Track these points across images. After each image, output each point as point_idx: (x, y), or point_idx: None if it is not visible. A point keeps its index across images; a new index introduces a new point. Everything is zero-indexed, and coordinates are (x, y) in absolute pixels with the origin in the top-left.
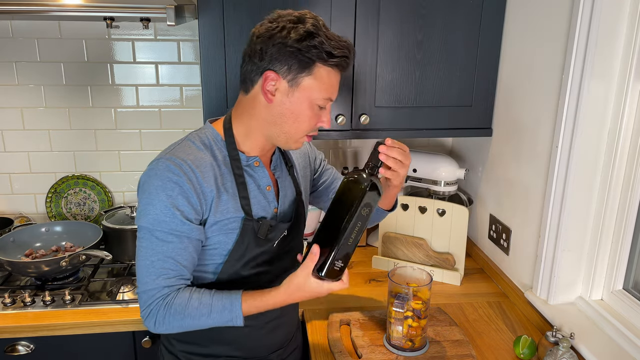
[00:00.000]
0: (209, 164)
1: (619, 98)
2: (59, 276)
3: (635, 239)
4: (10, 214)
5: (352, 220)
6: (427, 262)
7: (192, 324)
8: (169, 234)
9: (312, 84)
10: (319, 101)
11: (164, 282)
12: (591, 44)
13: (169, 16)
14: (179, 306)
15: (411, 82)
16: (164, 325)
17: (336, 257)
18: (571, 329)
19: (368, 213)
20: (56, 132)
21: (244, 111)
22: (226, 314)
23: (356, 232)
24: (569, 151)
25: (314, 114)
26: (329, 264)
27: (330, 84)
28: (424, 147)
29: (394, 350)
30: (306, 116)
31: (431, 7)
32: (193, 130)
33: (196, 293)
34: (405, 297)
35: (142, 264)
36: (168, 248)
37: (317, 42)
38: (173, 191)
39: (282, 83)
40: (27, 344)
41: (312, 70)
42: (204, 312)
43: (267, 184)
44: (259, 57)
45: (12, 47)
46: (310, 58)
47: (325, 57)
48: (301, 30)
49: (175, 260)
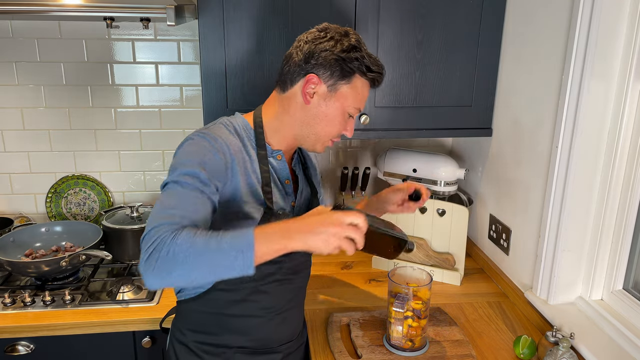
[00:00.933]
0: (238, 148)
1: (619, 98)
2: (59, 276)
3: (635, 239)
4: (10, 214)
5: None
6: (427, 262)
7: (196, 258)
8: (192, 189)
9: (349, 93)
10: (351, 109)
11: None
12: (591, 44)
13: (169, 16)
14: (186, 235)
15: (411, 82)
16: (165, 264)
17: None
18: (571, 329)
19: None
20: (56, 132)
21: (278, 108)
22: (239, 242)
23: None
24: (569, 151)
25: (344, 120)
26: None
27: (363, 95)
28: (424, 147)
29: (394, 350)
30: (337, 121)
31: (431, 7)
32: (193, 130)
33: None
34: (405, 297)
35: (156, 210)
36: (188, 201)
37: (359, 56)
38: (205, 156)
39: (322, 87)
40: (27, 344)
41: (351, 80)
42: (213, 242)
43: (287, 177)
44: (304, 60)
45: (12, 47)
46: (352, 69)
47: (364, 70)
48: (346, 43)
49: (189, 215)
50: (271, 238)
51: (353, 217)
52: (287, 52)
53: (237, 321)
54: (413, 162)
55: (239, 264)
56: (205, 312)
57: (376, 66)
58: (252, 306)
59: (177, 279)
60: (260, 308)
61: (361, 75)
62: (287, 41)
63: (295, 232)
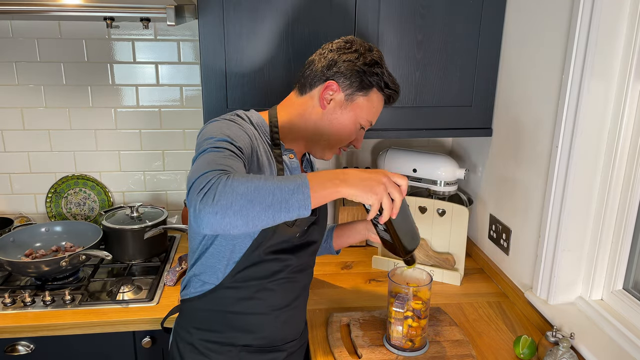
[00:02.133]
0: (256, 140)
1: (619, 98)
2: (59, 276)
3: (635, 239)
4: (10, 214)
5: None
6: (427, 262)
7: (256, 191)
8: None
9: (364, 104)
10: (363, 121)
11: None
12: (591, 44)
13: (169, 16)
14: (242, 174)
15: (411, 82)
16: (224, 197)
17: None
18: (571, 329)
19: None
20: (56, 132)
21: (294, 110)
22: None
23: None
24: (569, 151)
25: (355, 130)
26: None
27: (377, 109)
28: (424, 147)
29: (394, 350)
30: (349, 130)
31: (431, 7)
32: (194, 130)
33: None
34: (405, 297)
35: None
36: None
37: (380, 72)
38: (231, 129)
39: (340, 95)
40: (27, 344)
41: (369, 93)
42: (270, 180)
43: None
44: (326, 67)
45: (12, 47)
46: (371, 82)
47: (382, 85)
48: (369, 57)
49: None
50: (324, 182)
51: (398, 178)
52: (310, 57)
53: (243, 319)
54: (413, 162)
55: (297, 199)
56: (210, 310)
57: (394, 84)
58: (258, 304)
59: (236, 215)
60: (266, 306)
61: (379, 90)
62: (287, 41)
63: (347, 178)
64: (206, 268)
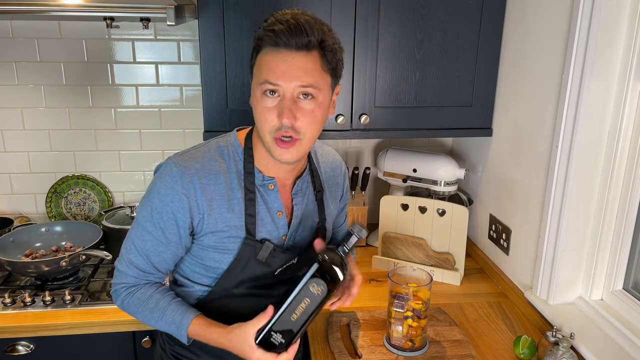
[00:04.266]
0: (217, 176)
1: (619, 98)
2: (59, 276)
3: (635, 239)
4: (10, 214)
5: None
6: (427, 262)
7: (145, 320)
8: (151, 234)
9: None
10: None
11: (133, 272)
12: (591, 44)
13: (169, 16)
14: (138, 300)
15: (411, 82)
16: (123, 308)
17: (273, 328)
18: (571, 329)
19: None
20: (56, 132)
21: None
22: (174, 328)
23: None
24: (569, 151)
25: (263, 106)
26: (265, 332)
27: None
28: (424, 147)
29: (394, 350)
30: (260, 105)
31: (431, 7)
32: (194, 130)
33: (158, 294)
34: (405, 297)
35: (125, 245)
36: (147, 246)
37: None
38: (167, 197)
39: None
40: (27, 344)
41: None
42: (156, 316)
43: (278, 209)
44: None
45: (12, 47)
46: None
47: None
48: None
49: (149, 260)
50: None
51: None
52: None
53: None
54: (413, 162)
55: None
56: None
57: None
58: None
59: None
60: None
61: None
62: None
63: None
64: (180, 290)
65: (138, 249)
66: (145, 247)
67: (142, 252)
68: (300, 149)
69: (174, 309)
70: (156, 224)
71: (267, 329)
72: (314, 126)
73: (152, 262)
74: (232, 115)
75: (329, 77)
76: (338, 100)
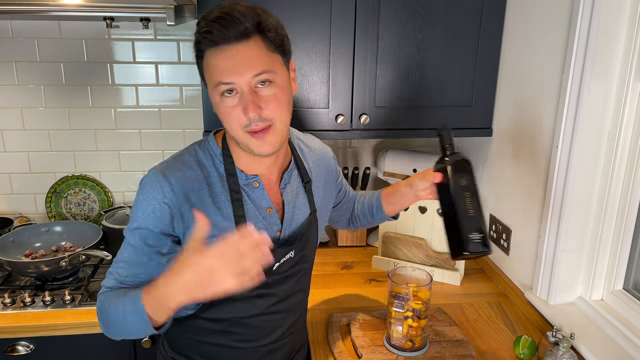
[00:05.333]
0: (200, 182)
1: (619, 98)
2: (58, 276)
3: (635, 239)
4: (10, 214)
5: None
6: (427, 262)
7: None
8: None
9: (207, 74)
10: (219, 88)
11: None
12: (591, 44)
13: (168, 16)
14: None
15: (411, 82)
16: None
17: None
18: (571, 329)
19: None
20: (56, 132)
21: None
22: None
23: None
24: (569, 151)
25: (220, 102)
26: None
27: (216, 66)
28: (424, 147)
29: (394, 350)
30: (221, 105)
31: (431, 7)
32: (194, 130)
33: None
34: (405, 297)
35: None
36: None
37: (198, 28)
38: (148, 207)
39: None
40: (27, 344)
41: (203, 60)
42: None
43: (267, 206)
44: None
45: (12, 47)
46: (198, 48)
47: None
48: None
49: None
50: (157, 310)
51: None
52: None
53: (217, 351)
54: (413, 162)
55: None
56: (185, 336)
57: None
58: (234, 337)
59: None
60: (242, 340)
61: (205, 47)
62: None
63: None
64: None
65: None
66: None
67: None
68: (276, 136)
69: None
70: (139, 235)
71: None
72: (281, 109)
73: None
74: None
75: (279, 56)
76: (338, 100)
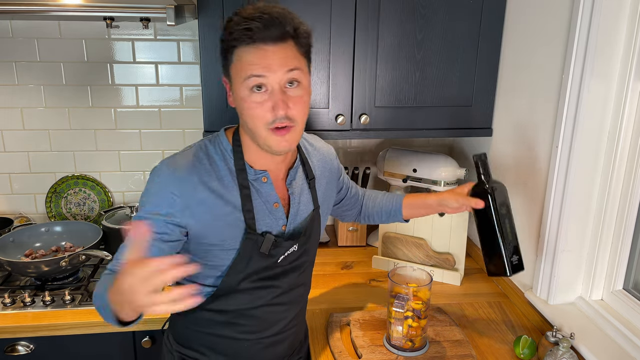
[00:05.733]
0: (210, 175)
1: (619, 98)
2: (58, 276)
3: (635, 239)
4: (10, 214)
5: (497, 223)
6: (427, 262)
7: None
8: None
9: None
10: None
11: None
12: (591, 44)
13: (169, 16)
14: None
15: (411, 82)
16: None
17: (507, 255)
18: (571, 329)
19: (508, 207)
20: (56, 132)
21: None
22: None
23: (509, 228)
24: (569, 151)
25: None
26: (507, 263)
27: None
28: (424, 147)
29: (394, 350)
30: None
31: (431, 7)
32: (194, 130)
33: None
34: (405, 297)
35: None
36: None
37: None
38: (157, 197)
39: (229, 83)
40: (27, 344)
41: (233, 56)
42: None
43: (274, 201)
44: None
45: (12, 47)
46: (228, 44)
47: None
48: (226, 22)
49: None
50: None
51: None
52: None
53: (223, 342)
54: (413, 162)
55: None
56: (191, 329)
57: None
58: (239, 329)
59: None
60: (246, 332)
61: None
62: None
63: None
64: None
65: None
66: None
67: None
68: (294, 136)
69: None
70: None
71: (507, 262)
72: (304, 112)
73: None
74: (232, 115)
75: (305, 60)
76: (338, 100)
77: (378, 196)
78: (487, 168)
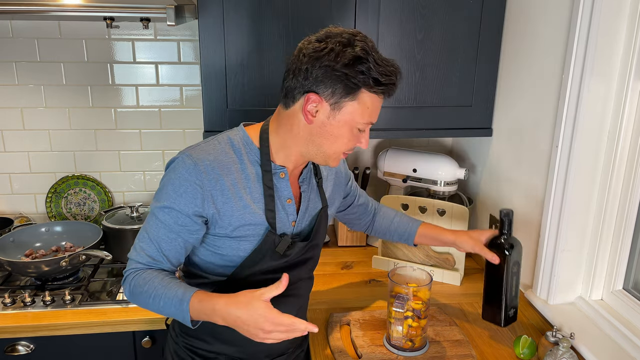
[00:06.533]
0: (231, 168)
1: (619, 98)
2: (59, 276)
3: (635, 239)
4: (10, 214)
5: (506, 280)
6: (427, 262)
7: (148, 299)
8: (165, 224)
9: (355, 109)
10: (360, 125)
11: (144, 259)
12: (591, 44)
13: (169, 16)
14: (144, 279)
15: (411, 82)
16: (130, 293)
17: (507, 308)
18: (571, 329)
19: (519, 265)
20: (56, 132)
21: (282, 125)
22: (176, 302)
23: (514, 285)
24: (569, 151)
25: (353, 136)
26: (504, 315)
27: (373, 108)
28: (424, 147)
29: (394, 350)
30: (345, 138)
31: (431, 7)
32: (194, 130)
33: (164, 274)
34: (405, 297)
35: (138, 235)
36: (160, 234)
37: (365, 68)
38: (180, 188)
39: (324, 105)
40: (27, 344)
41: (357, 96)
42: (160, 293)
43: (288, 197)
44: (303, 77)
45: (12, 47)
46: (356, 84)
47: (371, 83)
48: (350, 54)
49: (160, 248)
50: (198, 314)
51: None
52: (288, 65)
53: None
54: (413, 162)
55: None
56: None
57: (386, 75)
58: None
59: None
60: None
61: (368, 89)
62: (287, 41)
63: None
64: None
65: (150, 237)
66: (158, 235)
67: (154, 240)
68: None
69: (178, 284)
70: (169, 214)
71: (504, 313)
72: None
73: (162, 250)
74: (232, 116)
75: None
76: None
77: (392, 215)
78: (511, 225)
